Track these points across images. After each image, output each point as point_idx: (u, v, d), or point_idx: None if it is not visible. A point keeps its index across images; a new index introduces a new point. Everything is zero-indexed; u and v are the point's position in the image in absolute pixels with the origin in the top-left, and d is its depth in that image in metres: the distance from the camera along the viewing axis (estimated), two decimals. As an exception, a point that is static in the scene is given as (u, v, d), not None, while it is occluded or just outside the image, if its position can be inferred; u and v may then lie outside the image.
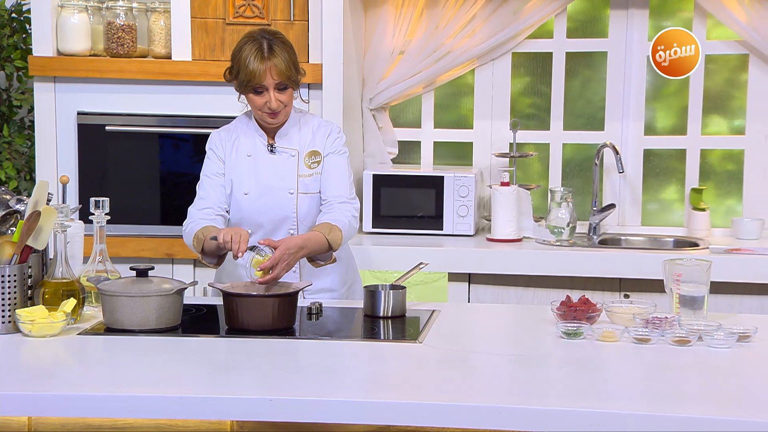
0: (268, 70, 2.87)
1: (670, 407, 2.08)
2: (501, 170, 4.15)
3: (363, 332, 2.70)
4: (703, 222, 4.16)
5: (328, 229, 2.89)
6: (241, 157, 3.02)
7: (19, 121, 4.35)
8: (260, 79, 2.88)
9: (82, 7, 3.96)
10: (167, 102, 3.96)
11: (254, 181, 3.00)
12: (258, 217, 3.00)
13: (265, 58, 2.87)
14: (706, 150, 4.28)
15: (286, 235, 2.96)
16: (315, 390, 2.20)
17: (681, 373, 2.34)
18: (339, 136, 3.06)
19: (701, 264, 2.71)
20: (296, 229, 3.00)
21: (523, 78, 4.38)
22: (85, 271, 2.77)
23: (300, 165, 3.00)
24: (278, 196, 2.99)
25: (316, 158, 3.01)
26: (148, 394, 2.14)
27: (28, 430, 2.25)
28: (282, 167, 3.01)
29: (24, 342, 2.51)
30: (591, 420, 2.04)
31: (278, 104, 2.92)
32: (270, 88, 2.90)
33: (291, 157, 3.01)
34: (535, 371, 2.36)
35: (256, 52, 2.88)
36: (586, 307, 2.67)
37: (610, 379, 2.35)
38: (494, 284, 3.84)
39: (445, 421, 2.09)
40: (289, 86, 2.92)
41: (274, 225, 3.01)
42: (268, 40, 2.90)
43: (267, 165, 3.01)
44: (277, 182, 3.00)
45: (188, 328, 2.67)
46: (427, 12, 4.24)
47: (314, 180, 3.00)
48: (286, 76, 2.89)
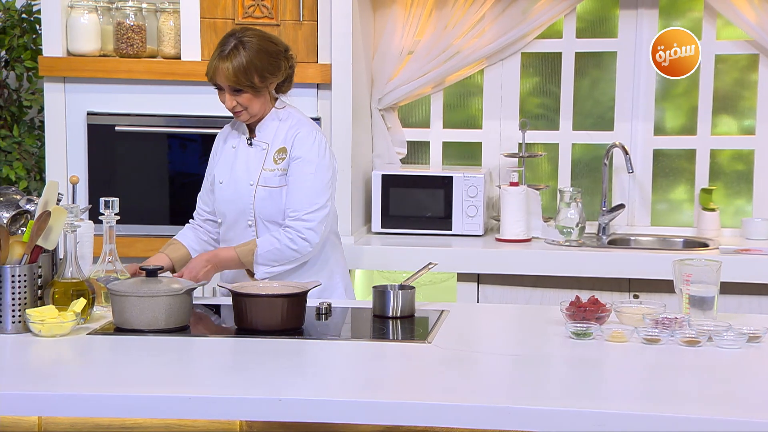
0: (218, 70, 2.91)
1: (679, 408, 2.07)
2: (510, 170, 4.14)
3: (372, 332, 2.70)
4: (713, 222, 4.15)
5: (249, 250, 2.96)
6: (228, 149, 3.09)
7: (29, 122, 4.36)
8: (212, 76, 2.93)
9: (92, 8, 3.97)
10: (176, 102, 3.97)
11: (228, 172, 3.06)
12: (223, 207, 3.07)
13: (221, 57, 2.90)
14: (716, 150, 4.27)
15: (245, 227, 3.02)
16: (324, 390, 2.20)
17: (690, 373, 2.33)
18: (313, 140, 2.98)
19: (711, 264, 2.70)
20: (254, 221, 3.02)
21: (532, 78, 4.37)
22: (95, 271, 2.78)
23: (267, 158, 3.02)
24: (240, 187, 3.03)
25: (283, 154, 3.00)
26: (158, 394, 2.14)
27: (38, 429, 2.26)
28: (252, 159, 3.04)
29: (34, 342, 2.52)
30: (599, 420, 2.04)
31: (233, 104, 2.94)
32: (225, 87, 2.93)
33: (262, 150, 3.04)
34: (544, 372, 2.36)
35: (218, 50, 2.92)
36: (596, 307, 2.67)
37: (619, 379, 2.34)
38: (503, 284, 3.83)
39: (454, 421, 2.08)
40: (244, 90, 2.92)
41: (235, 216, 3.05)
42: (236, 40, 2.91)
43: (243, 157, 3.06)
44: (244, 173, 3.04)
45: (197, 328, 2.67)
46: (436, 12, 4.23)
47: (276, 175, 3.00)
48: (234, 80, 2.89)
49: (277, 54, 2.96)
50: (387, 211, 4.08)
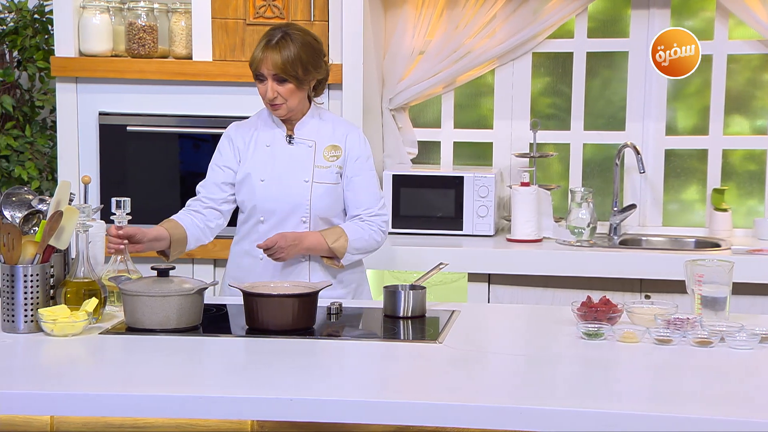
0: (266, 59, 2.95)
1: (691, 408, 2.07)
2: (521, 170, 4.14)
3: (383, 332, 2.70)
4: (725, 222, 4.14)
5: (336, 236, 3.01)
6: (260, 147, 3.09)
7: (42, 122, 4.37)
8: (258, 66, 2.97)
9: (104, 8, 3.98)
10: (188, 102, 3.97)
11: (271, 169, 3.06)
12: (271, 204, 3.06)
13: (269, 47, 2.95)
14: (728, 150, 4.26)
15: (297, 223, 3.04)
16: (335, 390, 2.20)
17: (702, 374, 2.32)
18: (364, 140, 3.12)
19: (723, 265, 2.69)
20: (308, 217, 3.04)
21: (544, 78, 4.37)
22: (107, 270, 2.79)
23: (317, 156, 3.06)
24: (293, 184, 3.05)
25: (336, 152, 3.07)
26: (169, 394, 2.14)
27: (50, 429, 2.27)
28: (299, 157, 3.06)
29: (46, 341, 2.52)
30: (611, 421, 2.03)
31: (274, 94, 2.97)
32: (268, 77, 2.97)
33: (308, 147, 3.06)
34: (555, 372, 2.36)
35: (265, 41, 2.97)
36: (607, 307, 2.66)
37: (630, 380, 2.34)
38: (514, 285, 3.83)
39: (464, 421, 2.08)
40: (288, 81, 2.96)
41: (287, 212, 3.05)
42: (283, 32, 2.97)
43: (285, 154, 3.07)
44: (293, 171, 3.05)
45: (209, 327, 2.67)
46: (447, 12, 4.23)
47: (331, 172, 3.06)
48: (281, 68, 2.94)
49: (320, 51, 3.04)
50: (398, 211, 4.08)
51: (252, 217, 3.10)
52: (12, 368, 2.37)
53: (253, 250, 3.06)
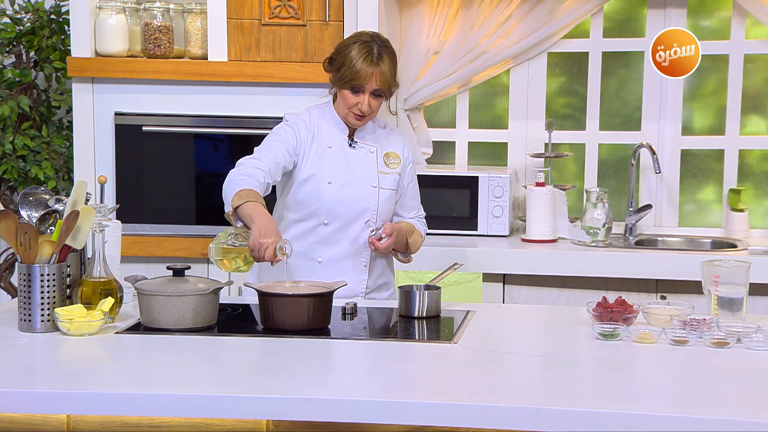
0: (374, 74, 2.95)
1: (706, 409, 2.06)
2: (536, 170, 4.13)
3: (398, 332, 2.70)
4: (742, 223, 4.12)
5: (412, 232, 3.13)
6: (323, 147, 3.06)
7: (58, 122, 4.39)
8: (363, 80, 2.95)
9: (120, 9, 4.00)
10: (203, 102, 3.98)
11: (338, 172, 3.05)
12: (338, 207, 3.04)
13: (373, 62, 2.95)
14: (745, 150, 4.24)
15: (361, 227, 3.05)
16: (350, 390, 2.20)
17: (719, 375, 2.31)
18: (409, 146, 3.19)
19: (740, 265, 2.68)
20: (374, 221, 3.07)
21: (559, 78, 4.36)
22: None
23: (379, 162, 3.10)
24: (361, 189, 3.06)
25: (395, 159, 3.12)
26: (185, 393, 2.15)
27: (67, 428, 2.27)
28: (364, 161, 3.08)
29: (62, 340, 2.53)
30: (626, 421, 2.03)
31: (368, 109, 2.99)
32: (368, 91, 2.97)
33: (370, 153, 3.09)
34: (571, 372, 2.35)
35: (367, 54, 2.95)
36: (623, 308, 2.65)
37: (646, 380, 2.33)
38: (529, 285, 3.82)
39: (479, 422, 2.08)
40: (384, 95, 3.00)
41: (353, 216, 3.06)
42: (378, 45, 2.97)
43: (350, 159, 3.07)
44: (360, 175, 3.07)
45: (224, 327, 2.68)
46: (462, 12, 4.23)
47: (392, 179, 3.10)
48: (388, 84, 2.98)
49: None
50: (413, 211, 4.07)
51: (313, 218, 3.04)
52: (29, 367, 2.38)
53: (309, 251, 3.02)
